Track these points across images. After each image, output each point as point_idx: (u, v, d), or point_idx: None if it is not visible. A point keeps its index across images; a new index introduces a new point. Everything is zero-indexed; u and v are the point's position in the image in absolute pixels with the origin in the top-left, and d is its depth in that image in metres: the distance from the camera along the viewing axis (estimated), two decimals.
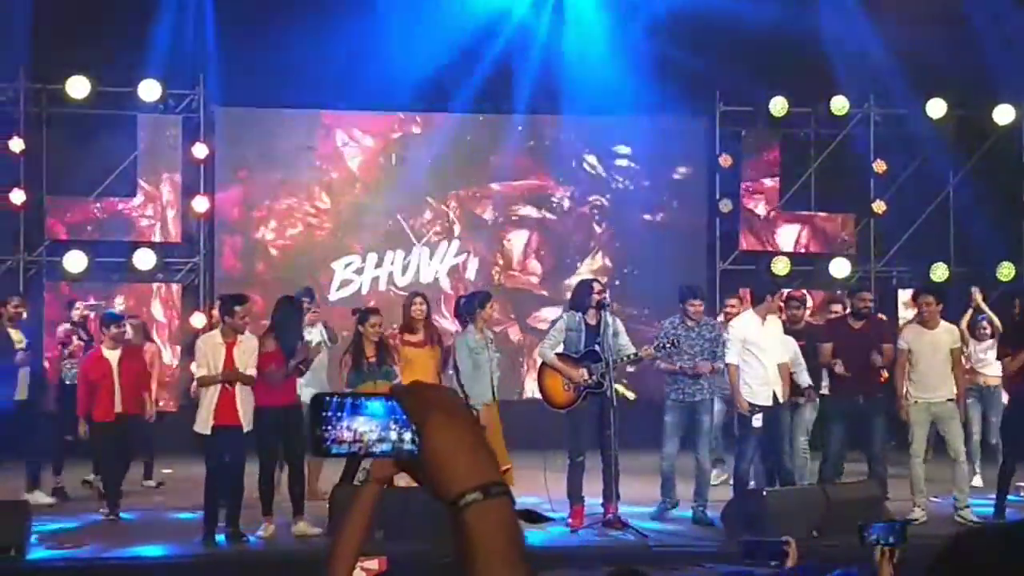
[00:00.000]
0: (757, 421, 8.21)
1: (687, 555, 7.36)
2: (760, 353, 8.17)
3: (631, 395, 9.47)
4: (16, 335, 8.97)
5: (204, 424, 7.59)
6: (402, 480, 1.59)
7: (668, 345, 7.99)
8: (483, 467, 1.26)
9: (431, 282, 12.79)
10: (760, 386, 8.20)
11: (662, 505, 8.31)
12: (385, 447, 1.31)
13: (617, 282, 12.84)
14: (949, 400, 8.23)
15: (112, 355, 8.41)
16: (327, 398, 1.34)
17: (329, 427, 1.33)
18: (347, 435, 1.32)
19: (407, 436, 1.30)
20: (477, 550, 1.21)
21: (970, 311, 9.90)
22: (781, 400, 8.27)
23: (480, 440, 1.29)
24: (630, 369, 10.25)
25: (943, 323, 8.42)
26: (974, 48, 12.91)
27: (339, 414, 1.33)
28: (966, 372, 8.92)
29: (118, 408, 8.32)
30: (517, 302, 13.21)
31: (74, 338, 9.61)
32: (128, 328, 9.04)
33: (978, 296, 9.98)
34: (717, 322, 8.64)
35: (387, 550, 6.15)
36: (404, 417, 1.30)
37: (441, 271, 13.16)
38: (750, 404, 8.21)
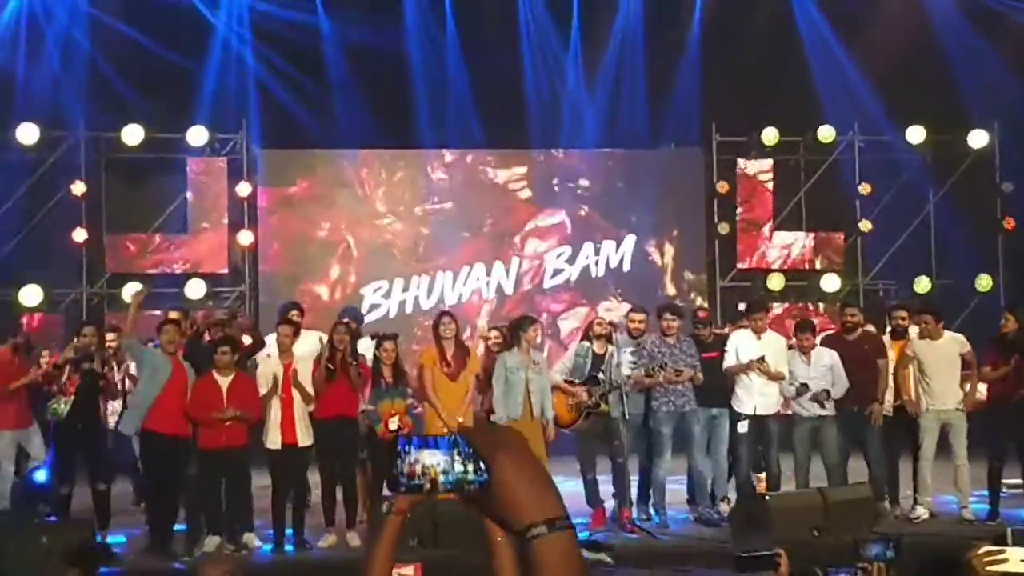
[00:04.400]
0: (742, 427, 8.22)
1: (699, 554, 7.37)
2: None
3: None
4: None
5: (273, 441, 7.57)
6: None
7: (656, 368, 8.00)
8: (549, 502, 1.26)
9: (455, 304, 12.81)
10: (746, 395, 8.23)
11: (659, 514, 8.17)
12: (451, 478, 1.31)
13: (623, 303, 12.82)
14: (958, 409, 8.17)
15: (223, 381, 7.45)
16: (401, 438, 1.35)
17: (400, 462, 1.33)
18: (416, 469, 1.32)
19: (471, 468, 1.30)
20: None
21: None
22: (771, 411, 8.26)
23: (545, 477, 1.29)
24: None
25: (947, 332, 8.36)
26: (950, 79, 12.93)
27: (407, 449, 1.33)
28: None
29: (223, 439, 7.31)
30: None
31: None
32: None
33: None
34: (690, 339, 8.48)
35: (421, 556, 6.16)
36: (469, 451, 1.30)
37: (465, 293, 13.20)
38: (737, 412, 8.21)
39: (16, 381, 7.86)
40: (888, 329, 8.87)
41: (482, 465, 1.30)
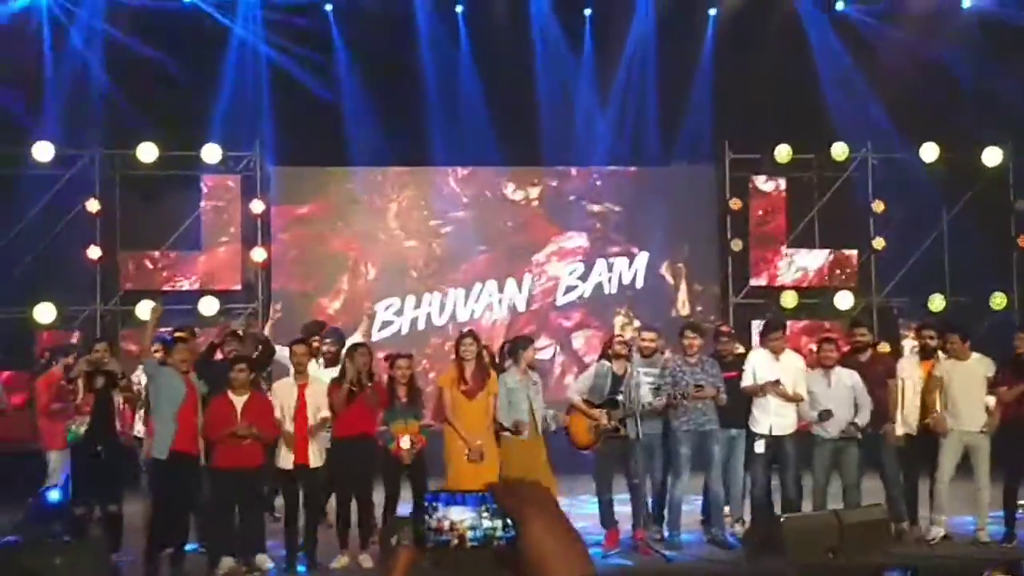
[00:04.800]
0: (759, 447, 8.12)
1: None
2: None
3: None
4: None
5: (286, 461, 7.50)
6: None
7: (678, 396, 7.92)
8: (577, 561, 1.25)
9: (466, 321, 12.77)
10: (763, 415, 8.13)
11: (673, 535, 8.07)
12: (478, 534, 1.31)
13: (636, 321, 12.77)
14: (981, 432, 8.03)
15: (238, 400, 7.43)
16: (428, 493, 1.35)
17: (428, 517, 1.33)
18: (444, 525, 1.32)
19: (499, 524, 1.30)
20: None
21: None
22: (788, 431, 8.15)
23: (573, 534, 1.28)
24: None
25: (974, 354, 8.21)
26: (963, 96, 12.86)
27: (435, 504, 1.34)
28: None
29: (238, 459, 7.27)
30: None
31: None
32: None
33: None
34: (713, 359, 8.37)
35: None
36: (496, 507, 1.30)
37: (477, 310, 13.17)
38: (754, 432, 8.11)
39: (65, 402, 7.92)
40: (916, 347, 8.74)
41: (510, 522, 1.30)
